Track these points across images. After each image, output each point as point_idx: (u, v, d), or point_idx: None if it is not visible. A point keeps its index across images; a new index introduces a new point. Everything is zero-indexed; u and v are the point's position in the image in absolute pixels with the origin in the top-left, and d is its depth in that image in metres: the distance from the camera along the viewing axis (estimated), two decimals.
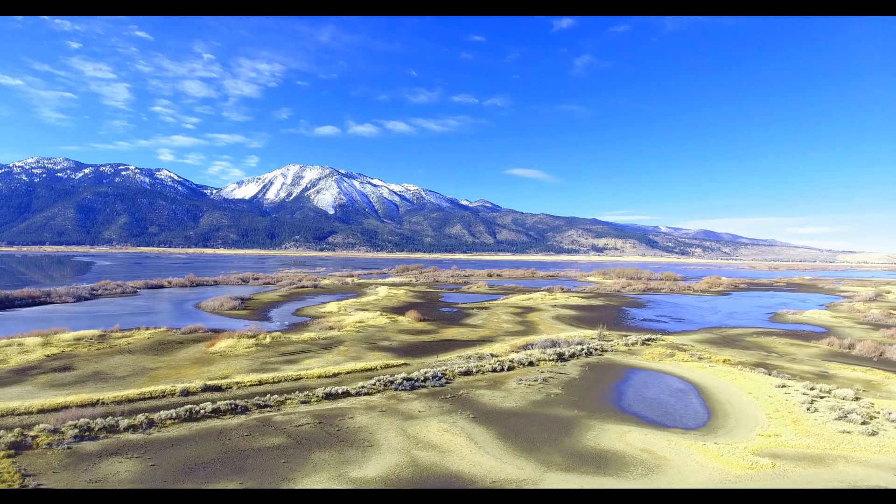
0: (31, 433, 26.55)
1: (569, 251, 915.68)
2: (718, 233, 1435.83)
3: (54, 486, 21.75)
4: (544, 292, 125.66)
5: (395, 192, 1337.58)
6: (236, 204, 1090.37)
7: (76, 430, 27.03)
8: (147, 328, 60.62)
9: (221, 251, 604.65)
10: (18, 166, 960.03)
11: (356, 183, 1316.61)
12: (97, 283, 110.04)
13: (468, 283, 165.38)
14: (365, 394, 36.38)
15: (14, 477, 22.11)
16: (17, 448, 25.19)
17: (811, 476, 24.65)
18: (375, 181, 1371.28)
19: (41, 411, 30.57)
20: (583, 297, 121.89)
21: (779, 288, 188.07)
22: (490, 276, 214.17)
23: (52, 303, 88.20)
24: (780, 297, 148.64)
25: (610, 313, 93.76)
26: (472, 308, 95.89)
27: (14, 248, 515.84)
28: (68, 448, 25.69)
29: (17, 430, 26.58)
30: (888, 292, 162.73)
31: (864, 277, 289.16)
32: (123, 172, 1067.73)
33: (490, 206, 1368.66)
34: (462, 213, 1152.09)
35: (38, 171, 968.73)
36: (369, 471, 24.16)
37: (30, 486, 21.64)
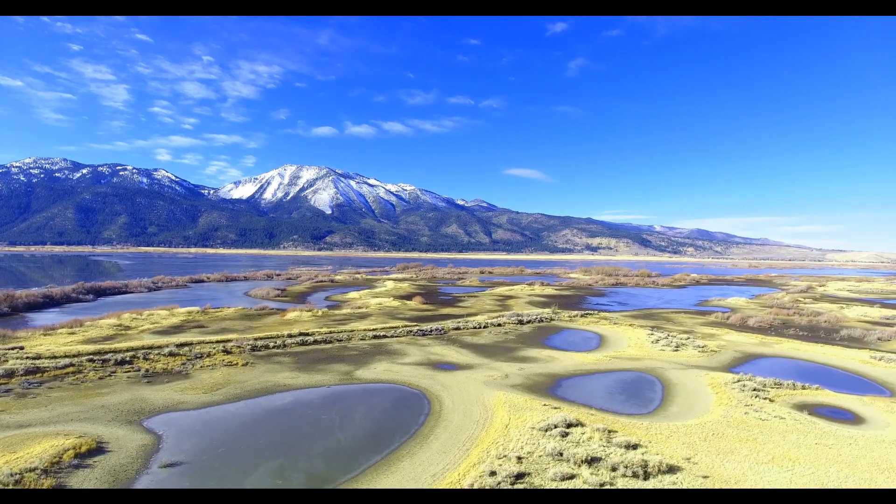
0: (229, 346, 50.55)
1: (563, 250, 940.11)
2: (712, 232, 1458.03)
3: (257, 363, 45.67)
4: (525, 285, 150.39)
5: (391, 192, 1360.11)
6: (234, 204, 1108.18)
7: (250, 346, 51.22)
8: (229, 307, 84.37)
9: (222, 251, 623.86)
10: (16, 166, 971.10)
11: (353, 183, 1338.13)
12: (156, 278, 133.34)
13: (462, 278, 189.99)
14: (395, 337, 60.75)
15: (241, 360, 46.07)
16: (226, 352, 49.21)
17: (627, 363, 49.31)
18: (372, 181, 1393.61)
19: (218, 342, 54.44)
20: (556, 289, 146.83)
21: (736, 283, 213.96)
22: (482, 272, 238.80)
23: (132, 292, 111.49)
24: (727, 289, 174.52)
25: (573, 300, 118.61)
26: (464, 296, 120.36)
27: (21, 248, 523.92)
28: (251, 353, 49.80)
29: (228, 344, 50.62)
30: (821, 286, 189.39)
31: (830, 274, 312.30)
32: (121, 173, 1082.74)
33: (486, 205, 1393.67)
34: (458, 212, 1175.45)
35: (35, 171, 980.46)
36: (406, 360, 48.54)
37: (248, 363, 45.67)
